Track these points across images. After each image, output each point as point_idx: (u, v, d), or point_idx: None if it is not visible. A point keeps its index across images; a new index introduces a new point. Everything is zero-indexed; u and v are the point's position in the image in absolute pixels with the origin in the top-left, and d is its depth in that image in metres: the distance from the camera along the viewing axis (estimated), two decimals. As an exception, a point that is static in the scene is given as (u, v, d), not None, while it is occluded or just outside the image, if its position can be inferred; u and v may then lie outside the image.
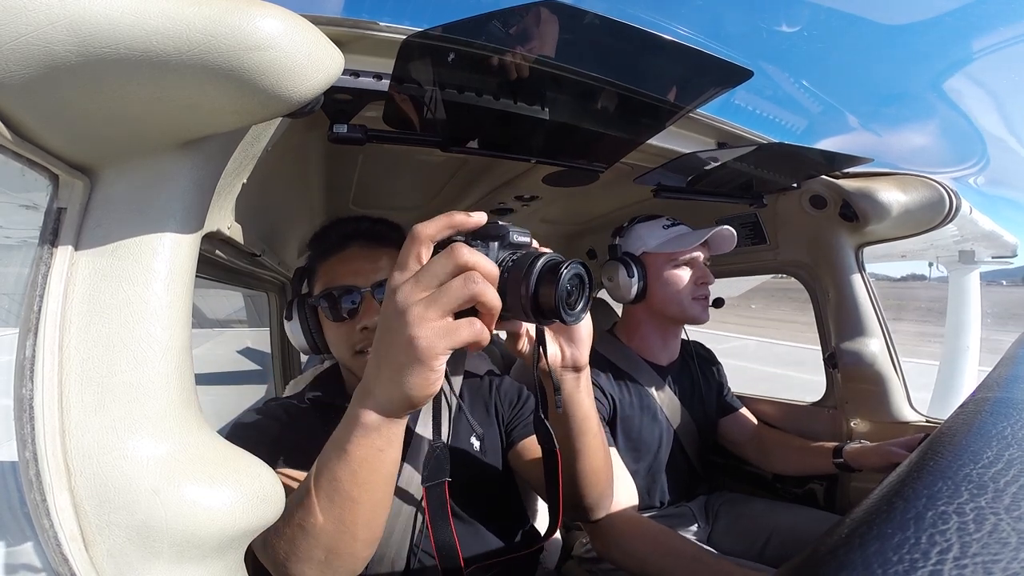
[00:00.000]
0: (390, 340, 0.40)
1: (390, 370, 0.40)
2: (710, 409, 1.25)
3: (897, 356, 1.17)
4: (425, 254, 0.41)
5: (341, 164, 1.07)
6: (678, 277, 1.10)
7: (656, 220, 1.14)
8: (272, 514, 0.42)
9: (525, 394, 0.90)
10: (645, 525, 0.90)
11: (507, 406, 0.88)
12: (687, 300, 1.10)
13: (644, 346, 1.17)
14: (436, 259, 0.39)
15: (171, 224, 0.40)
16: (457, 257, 0.39)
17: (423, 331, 0.38)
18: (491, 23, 0.53)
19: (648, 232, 1.13)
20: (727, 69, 0.61)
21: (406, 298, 0.39)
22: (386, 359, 0.41)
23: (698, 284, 1.10)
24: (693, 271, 1.11)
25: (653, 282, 1.11)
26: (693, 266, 1.11)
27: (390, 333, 0.40)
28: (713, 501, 1.19)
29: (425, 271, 0.39)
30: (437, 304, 0.38)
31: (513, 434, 0.84)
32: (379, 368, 0.41)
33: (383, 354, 0.41)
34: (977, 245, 2.09)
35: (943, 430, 0.30)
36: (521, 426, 0.85)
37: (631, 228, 1.16)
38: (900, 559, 0.17)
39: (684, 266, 1.10)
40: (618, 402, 1.08)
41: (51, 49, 0.29)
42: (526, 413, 0.86)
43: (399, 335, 0.39)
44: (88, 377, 0.36)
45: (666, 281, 1.10)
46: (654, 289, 1.11)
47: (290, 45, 0.35)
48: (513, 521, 0.82)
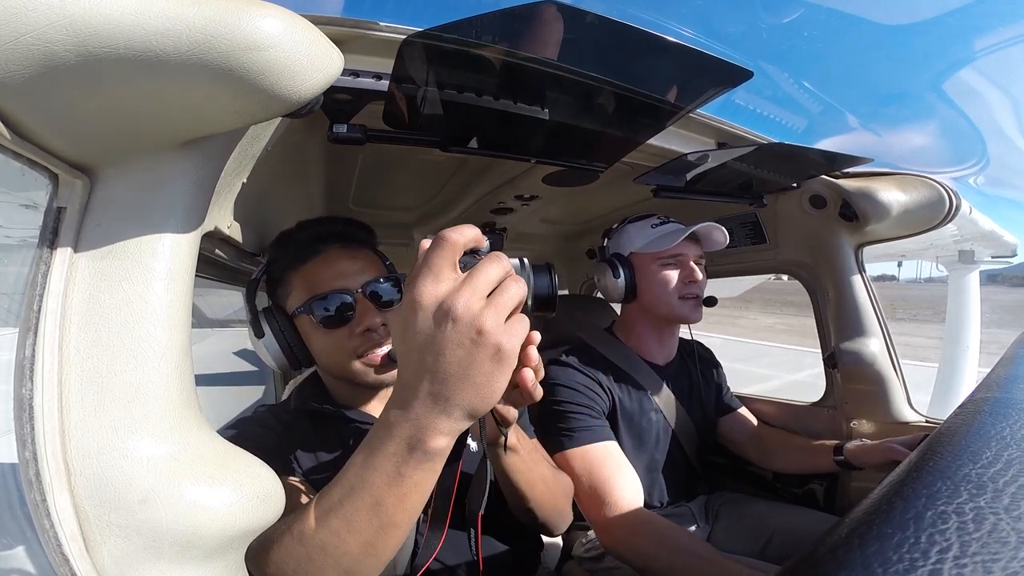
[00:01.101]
0: (465, 355, 0.37)
1: (473, 385, 0.38)
2: (709, 409, 1.25)
3: (897, 356, 1.17)
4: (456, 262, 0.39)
5: (341, 164, 1.07)
6: (665, 276, 1.10)
7: (646, 219, 1.14)
8: (272, 514, 0.42)
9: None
10: (651, 521, 0.90)
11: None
12: (675, 299, 1.09)
13: (641, 345, 1.17)
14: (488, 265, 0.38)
15: (171, 224, 0.40)
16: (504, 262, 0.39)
17: (505, 336, 0.37)
18: (491, 23, 0.53)
19: (636, 232, 1.13)
20: (727, 69, 0.61)
21: (470, 307, 0.36)
22: (465, 376, 0.37)
23: (686, 283, 1.09)
24: (680, 270, 1.10)
25: (641, 282, 1.12)
26: (681, 264, 1.10)
27: (462, 348, 0.37)
28: (713, 501, 1.19)
29: (481, 277, 0.38)
30: (504, 307, 0.38)
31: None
32: (452, 386, 0.38)
33: (458, 371, 0.37)
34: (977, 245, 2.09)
35: (943, 430, 0.30)
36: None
37: (621, 229, 1.17)
38: (900, 558, 0.17)
39: (670, 265, 1.10)
40: (617, 399, 1.08)
41: (51, 49, 0.29)
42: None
43: (481, 348, 0.37)
44: (88, 377, 0.36)
45: (653, 280, 1.10)
46: (643, 289, 1.12)
47: (290, 45, 0.35)
48: (512, 521, 0.82)
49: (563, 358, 1.11)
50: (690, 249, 1.11)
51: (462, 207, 1.39)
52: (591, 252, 1.91)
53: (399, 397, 0.40)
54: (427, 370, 0.38)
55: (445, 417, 0.39)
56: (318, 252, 0.73)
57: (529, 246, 2.01)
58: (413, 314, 0.38)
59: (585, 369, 1.08)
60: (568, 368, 1.08)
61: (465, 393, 0.38)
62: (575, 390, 1.04)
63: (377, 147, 0.74)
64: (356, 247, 0.76)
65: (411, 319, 0.38)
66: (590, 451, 0.97)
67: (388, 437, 0.40)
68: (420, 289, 0.38)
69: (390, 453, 0.40)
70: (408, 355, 0.39)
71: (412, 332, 0.38)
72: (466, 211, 1.40)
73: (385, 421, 0.41)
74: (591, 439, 0.98)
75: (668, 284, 1.09)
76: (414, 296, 0.38)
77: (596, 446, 0.98)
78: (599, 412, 1.04)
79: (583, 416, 1.01)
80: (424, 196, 1.40)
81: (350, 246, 0.75)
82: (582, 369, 1.08)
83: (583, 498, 0.95)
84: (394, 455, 0.40)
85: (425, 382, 0.38)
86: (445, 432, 0.39)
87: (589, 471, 0.95)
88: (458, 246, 0.39)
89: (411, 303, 0.38)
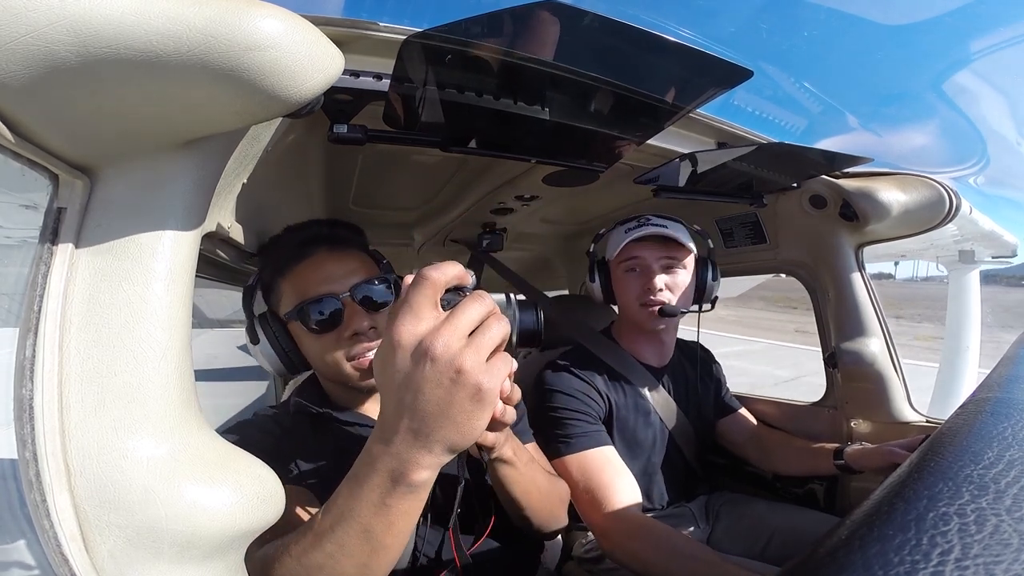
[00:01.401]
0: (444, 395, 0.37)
1: (453, 423, 0.38)
2: (707, 410, 1.24)
3: (897, 356, 1.17)
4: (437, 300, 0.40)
5: (341, 164, 1.07)
6: (627, 282, 1.09)
7: (627, 223, 1.12)
8: (273, 515, 0.42)
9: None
10: (649, 525, 0.90)
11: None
12: (634, 306, 1.08)
13: (635, 347, 1.17)
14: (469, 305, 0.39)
15: (171, 224, 0.40)
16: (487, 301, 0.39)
17: (486, 377, 0.38)
18: (491, 23, 0.53)
19: (616, 237, 1.12)
20: (727, 69, 0.61)
21: (449, 346, 0.37)
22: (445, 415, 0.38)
23: (644, 290, 1.06)
24: (640, 276, 1.07)
25: (613, 288, 1.12)
26: (641, 270, 1.07)
27: (440, 387, 0.37)
28: (713, 502, 1.19)
29: (462, 317, 0.38)
30: (485, 347, 0.38)
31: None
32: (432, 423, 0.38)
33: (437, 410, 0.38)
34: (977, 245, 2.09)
35: (943, 431, 0.30)
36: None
37: (608, 233, 1.17)
38: (901, 560, 0.17)
39: (631, 271, 1.08)
40: (614, 403, 1.08)
41: (51, 49, 0.29)
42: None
43: (460, 387, 0.37)
44: (88, 377, 0.36)
45: (618, 286, 1.11)
46: (616, 295, 1.13)
47: (290, 45, 0.35)
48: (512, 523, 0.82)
49: (559, 362, 1.11)
50: (650, 252, 1.06)
51: (462, 207, 1.39)
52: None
53: (381, 433, 0.41)
54: (406, 408, 0.38)
55: (426, 452, 0.39)
56: (305, 256, 0.73)
57: (529, 246, 2.01)
58: (392, 352, 0.38)
59: (581, 374, 1.07)
60: (564, 373, 1.08)
61: (445, 431, 0.39)
62: (571, 396, 1.04)
63: (377, 147, 0.74)
64: (344, 249, 0.75)
65: (390, 357, 0.38)
66: (587, 457, 0.97)
67: (372, 471, 0.41)
68: (399, 328, 0.38)
69: (374, 485, 0.41)
70: (388, 392, 0.39)
71: (391, 370, 0.38)
72: (466, 211, 1.40)
73: (368, 454, 0.42)
74: (588, 445, 0.98)
75: (628, 291, 1.09)
76: (393, 335, 0.38)
77: (593, 452, 0.98)
78: (595, 417, 1.04)
79: (580, 422, 1.01)
80: (424, 196, 1.40)
81: (337, 248, 0.75)
82: (578, 374, 1.07)
83: (581, 503, 0.95)
84: (379, 487, 0.41)
85: (405, 419, 0.39)
86: (426, 466, 0.40)
87: (587, 477, 0.95)
88: (439, 284, 0.39)
89: (390, 341, 0.38)
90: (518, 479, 0.66)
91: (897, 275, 34.81)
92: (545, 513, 0.73)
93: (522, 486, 0.67)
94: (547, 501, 0.73)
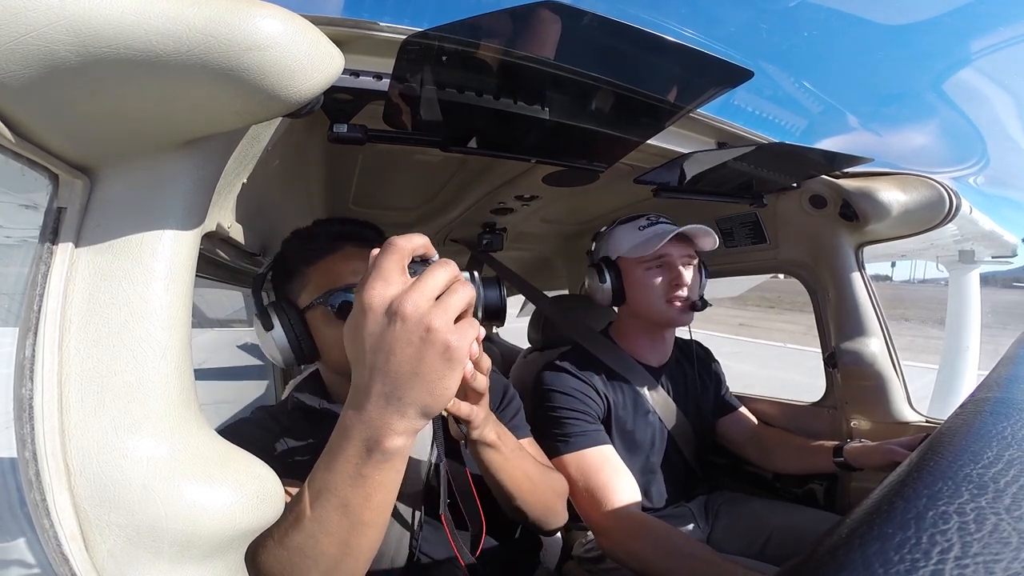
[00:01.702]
0: (415, 353, 0.38)
1: (424, 383, 0.39)
2: (706, 409, 1.24)
3: (897, 356, 1.17)
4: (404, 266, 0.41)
5: (341, 164, 1.07)
6: (650, 280, 1.08)
7: (635, 221, 1.13)
8: (272, 514, 0.42)
9: (510, 393, 0.90)
10: (649, 524, 0.90)
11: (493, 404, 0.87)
12: (660, 303, 1.08)
13: (635, 347, 1.17)
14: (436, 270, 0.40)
15: (171, 224, 0.40)
16: (453, 267, 0.41)
17: (454, 336, 0.39)
18: (491, 23, 0.53)
19: (624, 235, 1.12)
20: (727, 69, 0.61)
21: (418, 306, 0.38)
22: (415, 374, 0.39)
23: (671, 286, 1.07)
24: (667, 273, 1.08)
25: (628, 286, 1.11)
26: (667, 267, 1.08)
27: (411, 346, 0.38)
28: (713, 501, 1.19)
29: (429, 280, 0.39)
30: (452, 309, 0.39)
31: None
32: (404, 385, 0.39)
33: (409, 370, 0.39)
34: (977, 245, 2.09)
35: (943, 430, 0.30)
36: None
37: (610, 231, 1.16)
38: (901, 559, 0.17)
39: (656, 268, 1.08)
40: (612, 403, 1.08)
41: (51, 49, 0.29)
42: (507, 416, 0.87)
43: (429, 345, 0.38)
44: (88, 377, 0.36)
45: (639, 285, 1.09)
46: (630, 294, 1.11)
47: (290, 45, 0.35)
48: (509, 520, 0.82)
49: (558, 363, 1.11)
50: (677, 250, 1.08)
51: (462, 207, 1.39)
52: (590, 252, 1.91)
53: (353, 400, 0.41)
54: (379, 370, 0.39)
55: (400, 417, 0.40)
56: (336, 249, 0.74)
57: (529, 246, 2.01)
58: (363, 316, 0.39)
59: (580, 374, 1.08)
60: (563, 373, 1.08)
61: (417, 392, 0.39)
62: (570, 395, 1.04)
63: (377, 147, 0.74)
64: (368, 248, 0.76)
65: (361, 322, 0.39)
66: (586, 456, 0.97)
67: (346, 440, 0.41)
68: (369, 292, 0.39)
69: (349, 456, 0.41)
70: (359, 357, 0.40)
71: (363, 334, 0.39)
72: (466, 211, 1.40)
73: (342, 425, 0.42)
74: (587, 444, 0.99)
75: (654, 288, 1.08)
76: (364, 299, 0.39)
77: (592, 451, 0.98)
78: (594, 417, 1.04)
79: (578, 421, 1.01)
80: (424, 196, 1.40)
81: (363, 246, 0.76)
82: (577, 374, 1.07)
83: (580, 502, 0.96)
84: (353, 457, 0.41)
85: (377, 383, 0.39)
86: (401, 432, 0.40)
87: (586, 476, 0.95)
88: (406, 251, 0.40)
89: (361, 306, 0.39)
90: (504, 465, 0.66)
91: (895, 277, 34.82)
92: (539, 506, 0.73)
93: (510, 473, 0.67)
94: (540, 493, 0.73)
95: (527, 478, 0.70)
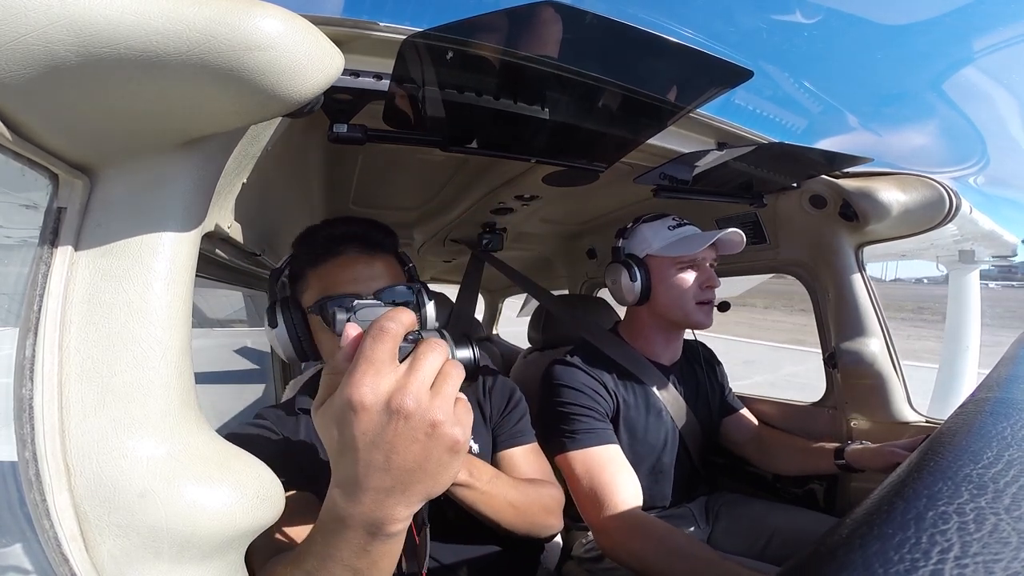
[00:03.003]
0: (421, 450, 0.36)
1: (429, 475, 0.37)
2: (714, 409, 1.25)
3: (897, 356, 1.17)
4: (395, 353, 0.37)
5: (341, 164, 1.07)
6: (682, 280, 1.08)
7: (662, 220, 1.13)
8: (272, 514, 0.42)
9: (516, 398, 0.90)
10: (650, 524, 0.90)
11: (496, 410, 0.87)
12: (690, 304, 1.08)
13: (648, 346, 1.17)
14: (429, 354, 0.37)
15: (171, 224, 0.40)
16: (444, 348, 0.38)
17: (459, 429, 0.37)
18: (491, 23, 0.53)
19: (653, 233, 1.11)
20: (727, 69, 0.61)
21: (420, 401, 0.35)
22: (421, 469, 0.37)
23: (702, 288, 1.08)
24: (698, 274, 1.09)
25: (657, 285, 1.10)
26: (698, 269, 1.09)
27: (416, 443, 0.36)
28: (713, 502, 1.19)
29: (426, 368, 0.37)
30: (451, 397, 0.37)
31: (497, 442, 0.84)
32: (408, 480, 0.37)
33: (414, 466, 0.36)
34: (977, 245, 2.09)
35: (943, 430, 0.30)
36: (506, 435, 0.85)
37: (635, 229, 1.15)
38: (901, 559, 0.17)
39: (689, 269, 1.08)
40: (622, 402, 1.07)
41: (51, 49, 0.29)
42: (512, 420, 0.86)
43: (436, 440, 0.36)
44: (88, 377, 0.36)
45: (670, 284, 1.09)
46: (658, 292, 1.10)
47: (290, 45, 0.35)
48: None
49: (567, 358, 1.10)
50: (708, 253, 1.09)
51: (462, 207, 1.39)
52: (591, 252, 1.91)
53: (345, 493, 0.38)
54: (376, 468, 0.36)
55: (403, 506, 0.38)
56: (337, 253, 0.72)
57: (529, 246, 2.01)
58: (354, 414, 0.35)
59: (590, 370, 1.07)
60: (572, 368, 1.07)
61: (422, 484, 0.37)
62: (579, 391, 1.03)
63: (377, 147, 0.74)
64: (374, 251, 0.75)
65: (351, 419, 0.35)
66: (592, 454, 0.97)
67: (345, 528, 0.39)
68: (361, 388, 0.35)
69: (350, 538, 0.39)
70: (348, 454, 0.36)
71: (353, 432, 0.35)
72: (466, 211, 1.40)
73: (334, 514, 0.39)
74: (593, 442, 0.98)
75: (686, 288, 1.08)
76: (355, 396, 0.35)
77: (598, 449, 0.98)
78: (602, 414, 1.03)
79: (586, 418, 1.01)
80: (424, 196, 1.40)
81: (368, 250, 0.74)
82: (587, 370, 1.07)
83: (582, 501, 0.95)
84: (356, 538, 0.39)
85: (375, 479, 0.36)
86: (403, 518, 0.39)
87: (590, 474, 0.95)
88: (398, 337, 0.37)
89: (351, 403, 0.35)
90: (481, 499, 0.66)
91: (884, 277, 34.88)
92: (525, 526, 0.73)
93: (489, 505, 0.67)
94: (525, 515, 0.73)
95: (509, 505, 0.70)
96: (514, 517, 0.70)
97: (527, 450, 0.86)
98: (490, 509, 0.67)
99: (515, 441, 0.85)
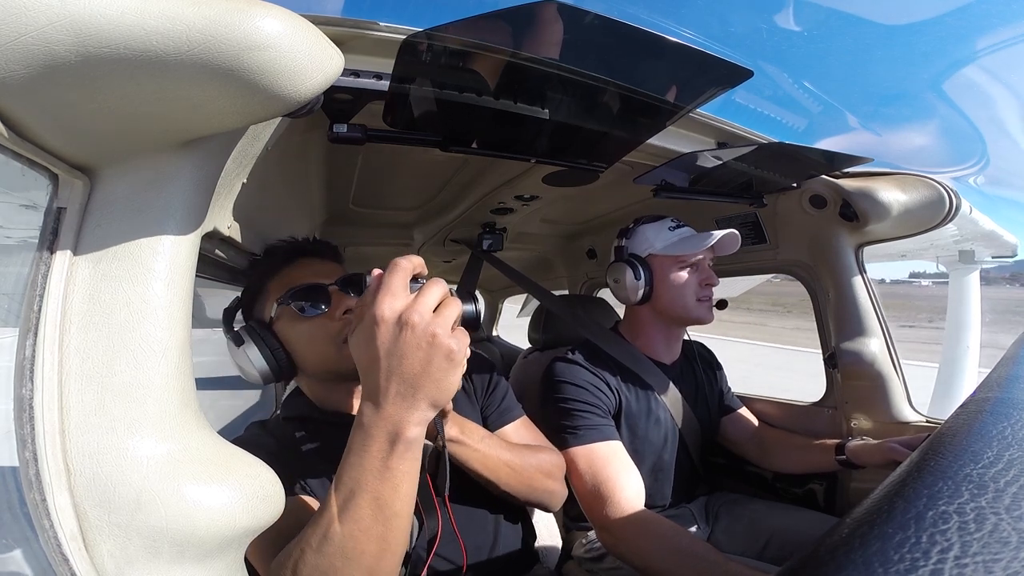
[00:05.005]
0: (424, 356, 0.45)
1: (433, 380, 0.46)
2: (713, 409, 1.25)
3: (897, 356, 1.17)
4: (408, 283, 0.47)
5: (341, 164, 1.07)
6: (683, 279, 1.10)
7: (662, 221, 1.14)
8: (272, 514, 0.42)
9: (496, 375, 0.92)
10: (652, 522, 0.90)
11: (480, 390, 0.89)
12: (692, 301, 1.10)
13: (649, 345, 1.17)
14: (433, 287, 0.47)
15: (171, 224, 0.40)
16: (444, 285, 0.48)
17: (455, 341, 0.46)
18: (491, 23, 0.53)
19: (654, 234, 1.13)
20: (727, 69, 0.61)
21: (424, 317, 0.45)
22: (426, 373, 0.45)
23: (702, 286, 1.11)
24: (698, 273, 1.11)
25: (659, 284, 1.12)
26: (698, 268, 1.12)
27: (420, 350, 0.45)
28: (713, 502, 1.19)
29: (429, 295, 0.46)
30: (449, 319, 0.46)
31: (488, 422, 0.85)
32: (417, 383, 0.46)
33: (420, 370, 0.45)
34: (977, 245, 2.09)
35: (943, 430, 0.30)
36: (495, 414, 0.87)
37: (637, 229, 1.16)
38: (901, 558, 0.17)
39: (689, 268, 1.11)
40: (624, 399, 1.08)
41: (51, 49, 0.29)
42: (498, 399, 0.88)
43: (436, 349, 0.45)
44: (88, 377, 0.36)
45: (672, 283, 1.11)
46: (660, 291, 1.12)
47: (290, 45, 0.35)
48: (507, 511, 0.82)
49: (569, 355, 1.11)
50: (707, 252, 1.12)
51: (462, 207, 1.39)
52: (591, 252, 1.91)
53: (371, 401, 0.47)
54: (394, 373, 0.45)
55: (415, 410, 0.46)
56: (294, 261, 0.78)
57: (529, 246, 2.01)
58: (376, 327, 0.45)
59: (592, 368, 1.08)
60: (575, 365, 1.08)
61: (427, 388, 0.46)
62: (582, 388, 1.04)
63: (377, 147, 0.74)
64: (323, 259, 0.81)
65: (374, 332, 0.45)
66: (594, 450, 0.97)
67: (369, 438, 0.46)
68: (381, 305, 0.45)
69: (375, 451, 0.46)
70: (373, 363, 0.46)
71: (376, 343, 0.45)
72: (466, 211, 1.40)
73: (361, 425, 0.47)
74: (596, 438, 0.98)
75: (686, 286, 1.10)
76: (376, 311, 0.45)
77: (601, 445, 0.98)
78: (605, 411, 1.04)
79: (589, 414, 1.01)
80: (424, 196, 1.40)
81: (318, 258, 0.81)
82: (589, 367, 1.07)
83: (585, 497, 0.95)
84: (379, 451, 0.46)
85: (394, 384, 0.46)
86: (416, 422, 0.46)
87: (593, 470, 0.95)
88: (409, 270, 0.48)
89: (374, 318, 0.45)
90: (475, 456, 0.69)
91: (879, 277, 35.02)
92: (524, 488, 0.75)
93: (484, 464, 0.70)
94: (522, 476, 0.75)
95: (504, 464, 0.72)
96: (510, 477, 0.73)
97: (518, 424, 0.88)
98: (485, 468, 0.70)
99: (505, 418, 0.87)
